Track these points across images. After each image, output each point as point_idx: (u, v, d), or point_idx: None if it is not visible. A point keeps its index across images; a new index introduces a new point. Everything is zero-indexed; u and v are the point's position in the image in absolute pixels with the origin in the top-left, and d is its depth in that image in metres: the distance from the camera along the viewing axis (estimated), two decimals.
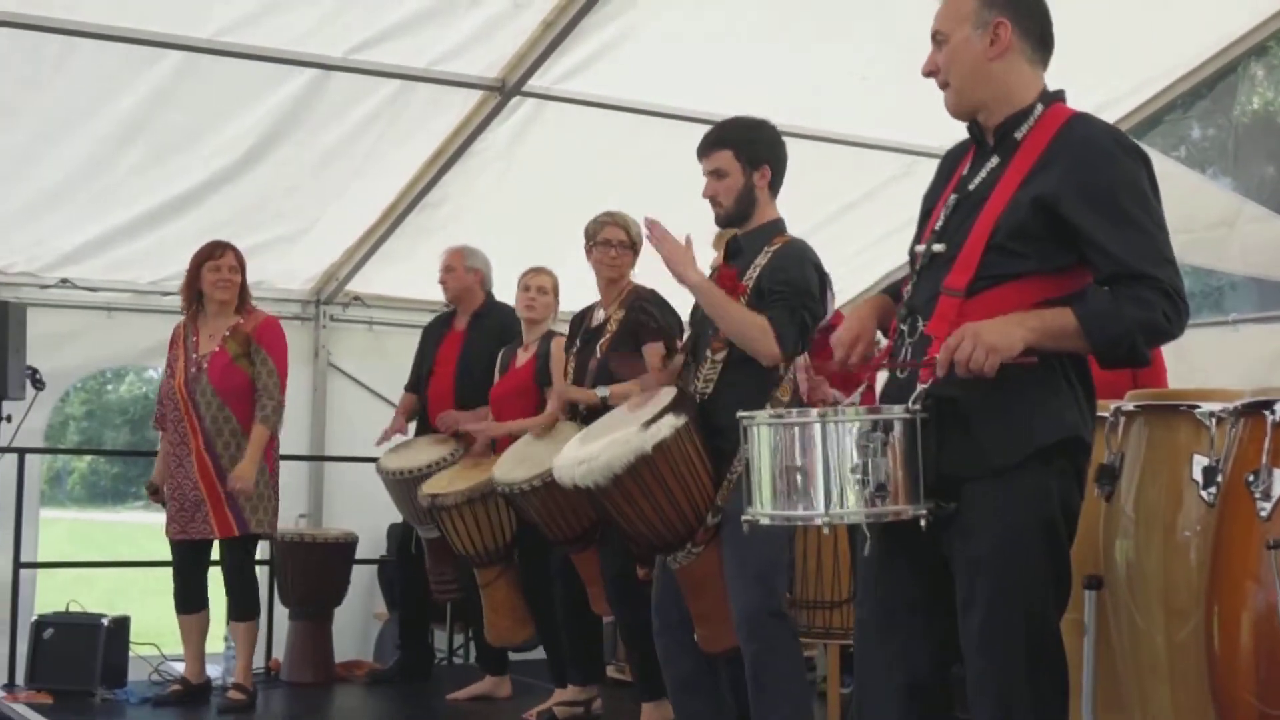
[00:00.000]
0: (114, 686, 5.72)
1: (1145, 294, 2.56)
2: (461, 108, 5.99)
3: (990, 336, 2.53)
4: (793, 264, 3.87)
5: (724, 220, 4.01)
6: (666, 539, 3.87)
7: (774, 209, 4.02)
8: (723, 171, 3.93)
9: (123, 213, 6.27)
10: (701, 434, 3.84)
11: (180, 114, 5.71)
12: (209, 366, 5.46)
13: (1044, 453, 2.64)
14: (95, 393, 30.65)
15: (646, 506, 3.80)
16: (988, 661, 2.64)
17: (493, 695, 5.81)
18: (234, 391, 5.45)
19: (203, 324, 5.58)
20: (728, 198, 3.94)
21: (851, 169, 6.82)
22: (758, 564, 3.77)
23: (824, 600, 4.88)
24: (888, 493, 2.59)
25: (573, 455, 3.92)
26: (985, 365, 2.52)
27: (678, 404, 3.84)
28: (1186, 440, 3.00)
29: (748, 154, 3.94)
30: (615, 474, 3.75)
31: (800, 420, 2.68)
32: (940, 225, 2.81)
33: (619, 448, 3.76)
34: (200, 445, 5.42)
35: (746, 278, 3.88)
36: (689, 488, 3.82)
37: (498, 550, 5.34)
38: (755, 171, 3.94)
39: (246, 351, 5.49)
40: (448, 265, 6.05)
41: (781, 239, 3.95)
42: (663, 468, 3.76)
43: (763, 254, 3.91)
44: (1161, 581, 2.99)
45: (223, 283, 5.52)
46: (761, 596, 3.77)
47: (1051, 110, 2.75)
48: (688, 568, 3.89)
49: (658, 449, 3.73)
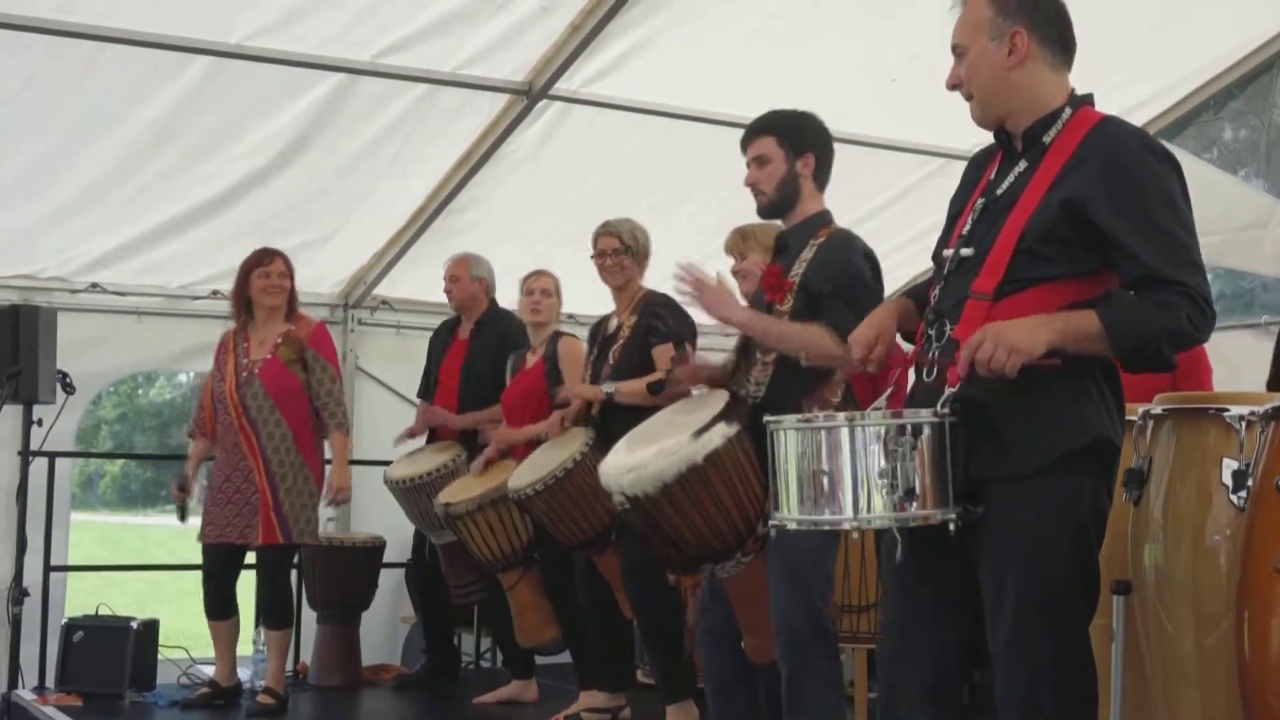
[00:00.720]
0: (143, 689, 5.76)
1: (1171, 299, 2.55)
2: (488, 111, 6.01)
3: (1013, 337, 2.53)
4: (840, 256, 3.76)
5: (766, 210, 3.89)
6: (716, 548, 3.74)
7: (819, 201, 3.90)
8: (765, 158, 3.84)
9: (152, 217, 6.31)
10: (754, 440, 3.68)
11: (208, 119, 5.76)
12: (261, 372, 5.50)
13: (1073, 456, 2.63)
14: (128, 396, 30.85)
15: (696, 516, 3.67)
16: (1016, 666, 2.64)
17: (519, 699, 5.83)
18: (286, 396, 5.49)
19: (253, 331, 5.62)
20: (769, 185, 3.84)
21: (881, 171, 6.81)
22: (801, 573, 3.67)
23: (851, 604, 4.88)
24: (916, 497, 2.59)
25: (620, 463, 3.77)
26: (1006, 365, 2.52)
27: (730, 411, 3.70)
28: (1216, 444, 2.99)
29: (791, 140, 3.84)
30: (665, 484, 3.60)
31: (827, 424, 2.67)
32: (968, 229, 2.81)
33: (669, 458, 3.61)
34: (255, 448, 5.46)
35: (793, 274, 3.78)
36: (739, 497, 3.69)
37: (515, 554, 5.38)
38: (799, 159, 3.84)
39: (300, 358, 5.54)
40: (452, 275, 6.09)
41: (827, 231, 3.84)
42: (714, 478, 3.63)
43: (808, 248, 3.80)
44: (1191, 586, 2.98)
45: (272, 289, 5.57)
46: (802, 610, 3.66)
47: (1080, 114, 2.75)
48: (737, 577, 3.79)
49: (709, 459, 3.59)
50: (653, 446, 3.72)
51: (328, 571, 6.22)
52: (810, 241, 3.82)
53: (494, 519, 5.32)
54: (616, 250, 4.98)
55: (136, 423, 31.38)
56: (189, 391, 31.30)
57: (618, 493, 3.70)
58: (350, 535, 6.60)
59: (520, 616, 5.49)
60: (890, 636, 2.87)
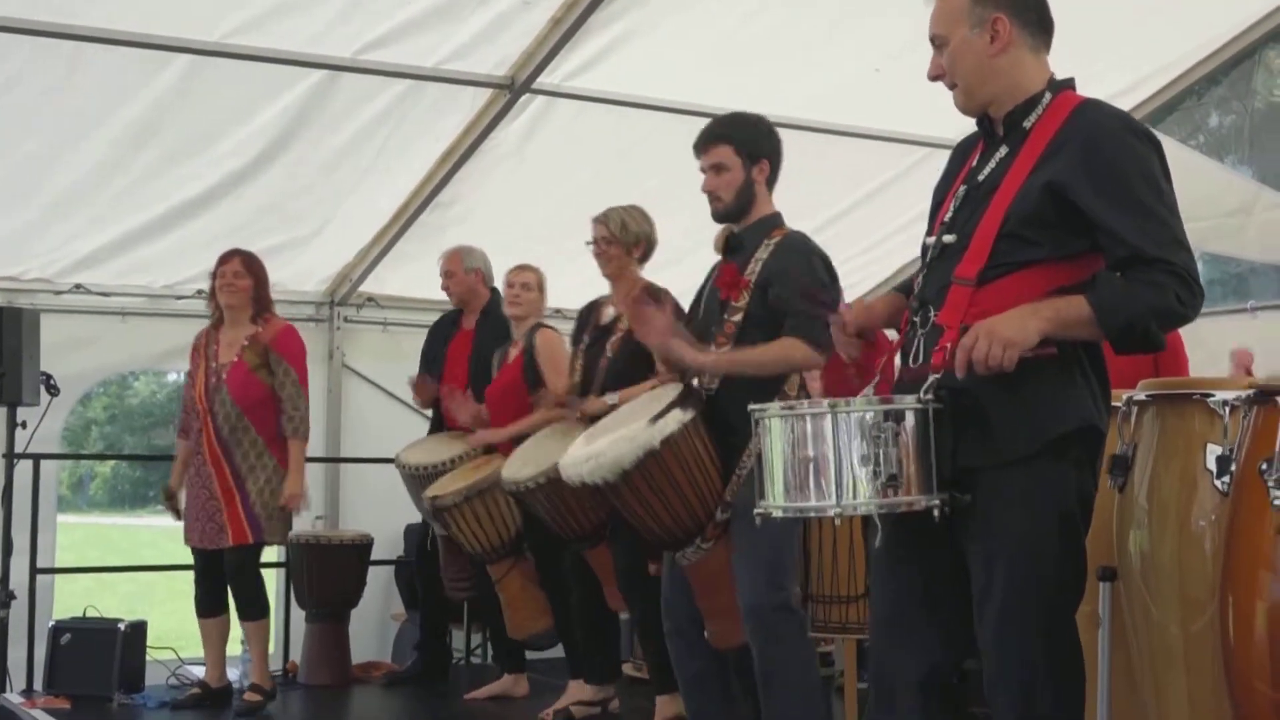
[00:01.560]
0: (131, 691, 5.75)
1: (1158, 278, 2.55)
2: (471, 106, 6.01)
3: (1005, 331, 2.53)
4: (797, 259, 3.86)
5: (721, 215, 3.99)
6: (676, 535, 3.86)
7: (771, 203, 4.01)
8: (723, 166, 3.93)
9: (135, 217, 6.30)
10: (710, 428, 3.84)
11: (191, 118, 5.74)
12: (228, 377, 5.49)
13: (1060, 442, 2.64)
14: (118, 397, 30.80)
15: (656, 502, 3.79)
16: (1005, 653, 2.64)
17: (510, 694, 5.83)
18: (253, 403, 5.48)
19: (223, 332, 5.61)
20: (728, 192, 3.93)
21: (866, 161, 6.82)
22: (765, 559, 3.75)
23: (839, 595, 4.88)
24: (900, 483, 2.59)
25: (580, 452, 3.90)
26: (1004, 360, 2.52)
27: (684, 398, 3.83)
28: (1200, 429, 2.99)
29: (748, 148, 3.93)
30: (624, 470, 3.73)
31: (812, 411, 2.67)
32: (950, 216, 2.81)
33: (627, 444, 3.75)
34: (218, 454, 5.45)
35: (748, 272, 3.87)
36: (698, 483, 3.81)
37: (504, 545, 5.39)
38: (755, 166, 3.94)
39: (265, 362, 5.51)
40: (447, 270, 6.08)
41: (780, 232, 3.95)
42: (671, 463, 3.75)
43: (763, 247, 3.90)
44: (1176, 572, 2.98)
45: (227, 288, 5.55)
46: (769, 591, 3.76)
47: (1060, 97, 2.75)
48: (698, 564, 3.88)
49: (666, 444, 3.72)
50: (611, 435, 3.84)
51: (316, 570, 6.21)
52: (764, 241, 3.92)
53: (481, 510, 5.33)
54: (605, 239, 4.98)
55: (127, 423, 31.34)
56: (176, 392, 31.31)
57: (577, 481, 3.78)
58: (338, 533, 6.60)
59: (510, 608, 5.49)
60: (879, 626, 2.87)
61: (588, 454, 3.82)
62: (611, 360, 4.87)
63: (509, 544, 5.40)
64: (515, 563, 5.43)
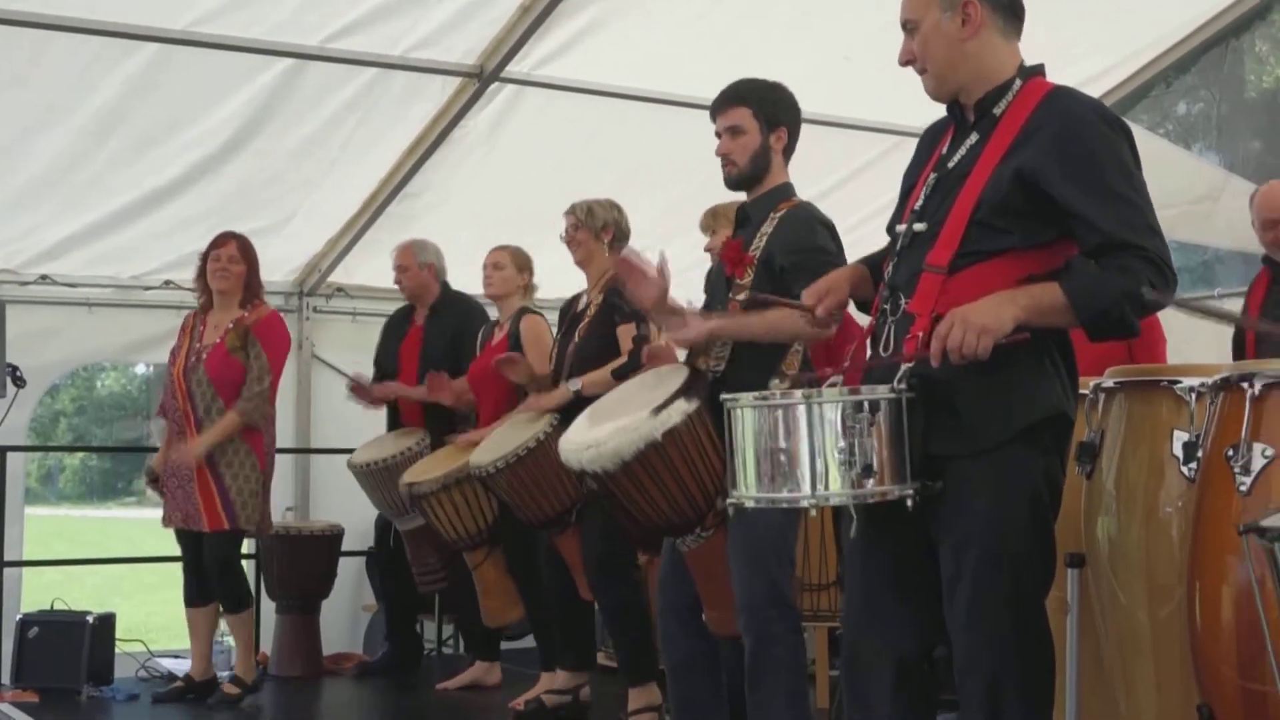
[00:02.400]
0: (100, 684, 5.72)
1: (1131, 264, 2.57)
2: (440, 95, 5.98)
3: (980, 318, 2.54)
4: (802, 230, 3.75)
5: (735, 181, 3.86)
6: (675, 523, 3.79)
7: (785, 173, 3.88)
8: (739, 129, 3.80)
9: (101, 207, 6.25)
10: (714, 416, 3.75)
11: (157, 107, 5.69)
12: (208, 357, 5.46)
13: (1030, 431, 2.65)
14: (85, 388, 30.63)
15: (656, 492, 3.72)
16: (975, 640, 2.66)
17: (483, 682, 5.83)
18: (229, 383, 5.44)
19: (211, 316, 5.59)
20: (742, 156, 3.80)
21: (835, 150, 6.82)
22: (762, 550, 3.69)
23: (811, 583, 4.91)
24: (874, 473, 2.60)
25: (580, 439, 3.80)
26: (979, 348, 2.53)
27: (689, 387, 3.72)
28: (1167, 416, 3.02)
29: (767, 113, 3.81)
30: (624, 461, 3.64)
31: (784, 402, 2.67)
32: (920, 204, 2.81)
33: (628, 435, 3.65)
34: (193, 434, 5.41)
35: (753, 248, 3.77)
36: (699, 472, 3.73)
37: (480, 533, 5.38)
38: (772, 133, 3.81)
39: (244, 344, 5.49)
40: (400, 265, 6.07)
41: (787, 204, 3.83)
42: (673, 454, 3.67)
43: (769, 221, 3.79)
44: (1143, 558, 3.01)
45: (221, 272, 5.53)
46: (764, 585, 3.69)
47: (1030, 84, 2.76)
48: (697, 551, 3.82)
49: (668, 436, 3.62)
50: (612, 423, 3.75)
51: (286, 561, 6.20)
52: (770, 215, 3.81)
53: (458, 498, 5.32)
54: (573, 226, 4.99)
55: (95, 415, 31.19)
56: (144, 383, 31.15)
57: (577, 468, 3.72)
58: (308, 524, 6.58)
59: (485, 596, 5.49)
60: (852, 613, 2.88)
61: (589, 441, 3.73)
62: (579, 345, 4.88)
63: (485, 532, 5.39)
64: (490, 551, 5.43)
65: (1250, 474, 2.61)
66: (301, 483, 7.23)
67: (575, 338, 4.92)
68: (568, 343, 4.96)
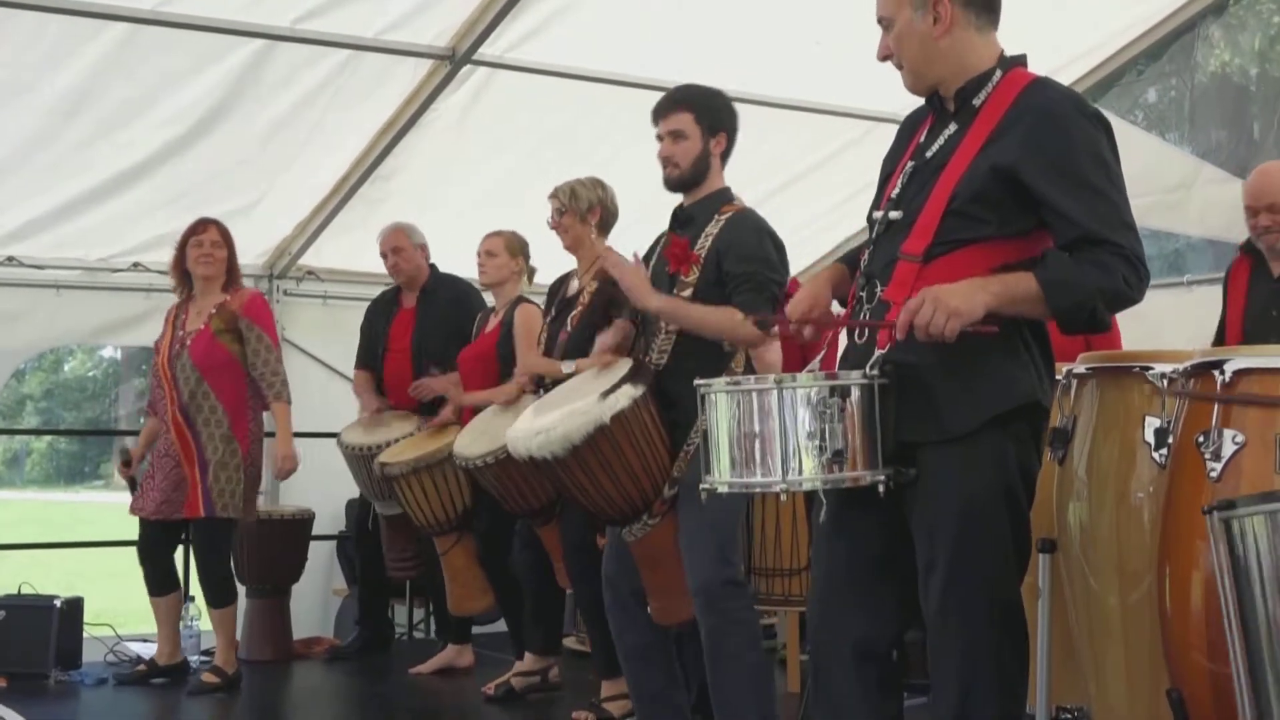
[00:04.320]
0: (68, 668, 5.68)
1: (1106, 259, 2.57)
2: (411, 77, 5.94)
3: (952, 300, 2.54)
4: (748, 237, 3.85)
5: (675, 184, 3.97)
6: (624, 510, 3.85)
7: (722, 178, 4.01)
8: (682, 134, 3.90)
9: (68, 188, 6.18)
10: (658, 405, 3.83)
11: (125, 87, 5.63)
12: (192, 343, 5.43)
13: (1003, 419, 2.65)
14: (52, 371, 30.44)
15: (604, 478, 3.78)
16: (949, 626, 2.66)
17: (455, 665, 5.83)
18: (215, 368, 5.41)
19: (193, 304, 5.55)
20: (685, 160, 3.91)
21: (807, 135, 6.82)
22: (714, 535, 3.75)
23: (782, 568, 4.92)
24: (845, 459, 2.60)
25: (528, 426, 3.87)
26: (946, 329, 2.53)
27: (635, 374, 3.82)
28: (1139, 402, 3.03)
29: (708, 119, 3.92)
30: (573, 445, 3.71)
31: (757, 387, 2.68)
32: (897, 192, 2.81)
33: (577, 419, 3.73)
34: (181, 424, 5.39)
35: (699, 247, 3.87)
36: (646, 459, 3.81)
37: (449, 520, 5.36)
38: (713, 138, 3.93)
39: (231, 328, 5.45)
40: (395, 246, 5.98)
41: (730, 207, 3.93)
42: (620, 439, 3.74)
43: (713, 222, 3.89)
44: (1114, 544, 3.02)
45: (205, 258, 5.49)
46: (718, 567, 3.76)
47: (1010, 75, 2.75)
48: (644, 540, 3.87)
49: (616, 420, 3.71)
50: (560, 410, 3.81)
51: (256, 545, 6.16)
52: (715, 216, 3.91)
53: (428, 483, 5.30)
54: (557, 210, 4.95)
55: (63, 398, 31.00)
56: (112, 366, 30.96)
57: (525, 456, 3.76)
58: (279, 508, 6.54)
59: (454, 583, 5.48)
60: (820, 599, 2.88)
61: (537, 428, 3.79)
62: (571, 334, 4.84)
63: (456, 519, 5.37)
64: (460, 538, 5.41)
65: (1221, 460, 2.62)
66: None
67: (567, 325, 4.88)
68: (558, 328, 4.92)
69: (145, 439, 5.68)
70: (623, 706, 4.74)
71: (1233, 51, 6.57)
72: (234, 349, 5.45)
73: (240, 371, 5.46)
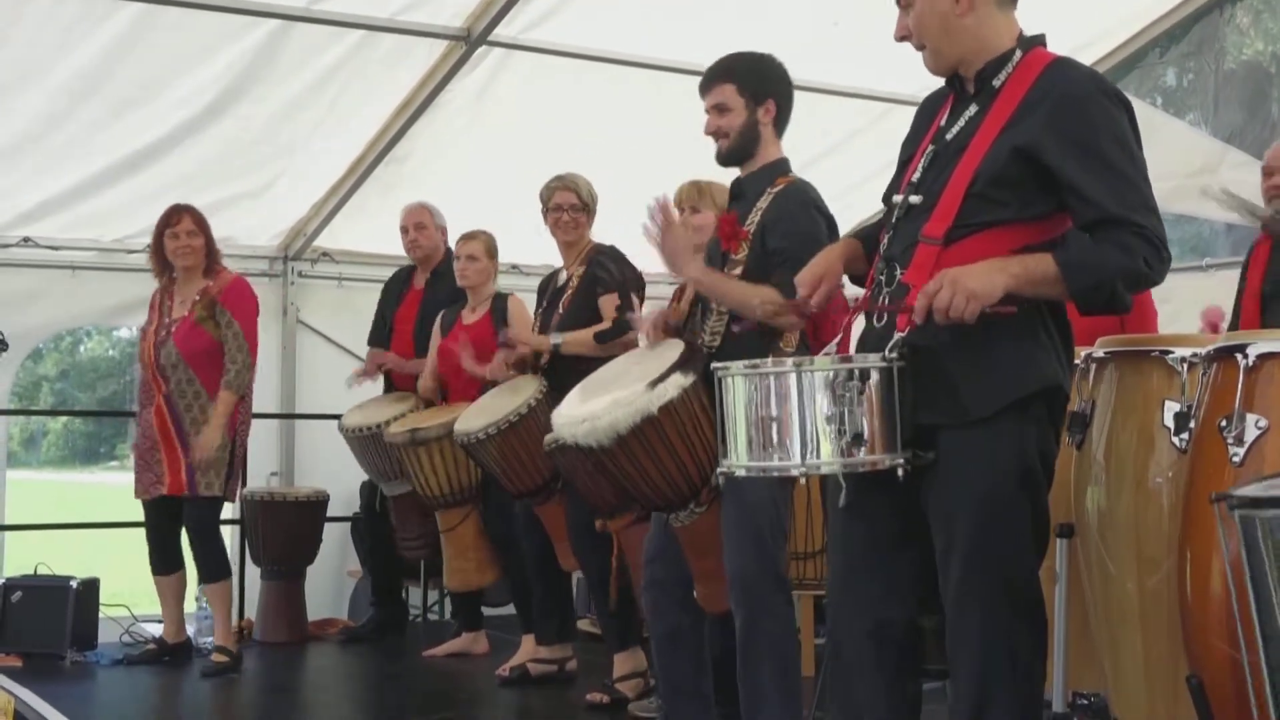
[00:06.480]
0: (84, 649, 5.70)
1: (1127, 240, 2.56)
2: (427, 58, 5.93)
3: (971, 282, 2.52)
4: (795, 212, 3.72)
5: (725, 158, 3.84)
6: (670, 499, 3.77)
7: (778, 148, 3.86)
8: (725, 106, 3.77)
9: (83, 169, 6.20)
10: (709, 390, 3.74)
11: (140, 67, 5.64)
12: (175, 331, 5.44)
13: (1022, 403, 2.64)
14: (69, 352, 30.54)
15: (650, 466, 3.70)
16: (967, 611, 2.65)
17: (469, 651, 5.84)
18: (198, 354, 5.42)
19: (177, 290, 5.56)
20: (731, 132, 3.78)
21: (824, 117, 6.79)
22: (756, 526, 3.66)
23: (796, 551, 4.91)
24: (864, 442, 2.59)
25: (574, 413, 3.77)
26: (965, 312, 2.51)
27: (685, 360, 3.71)
28: (1158, 386, 3.01)
29: (752, 88, 3.77)
30: (619, 435, 3.62)
31: (775, 370, 2.67)
32: (918, 176, 2.80)
33: (623, 409, 3.62)
34: (162, 406, 5.41)
35: (748, 223, 3.75)
36: (694, 447, 3.71)
37: (464, 491, 5.37)
38: (760, 107, 3.77)
39: (212, 314, 5.46)
40: (419, 223, 6.00)
41: (784, 180, 3.80)
42: (668, 429, 3.65)
43: (764, 196, 3.76)
44: (1133, 529, 3.00)
45: (182, 249, 5.48)
46: (757, 559, 3.66)
47: (1031, 55, 2.73)
48: (690, 526, 3.80)
49: (664, 410, 3.61)
50: (607, 396, 3.72)
51: (270, 527, 6.18)
52: (766, 190, 3.78)
53: (438, 454, 5.31)
54: (574, 207, 4.96)
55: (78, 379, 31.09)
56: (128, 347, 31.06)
57: (571, 442, 3.70)
58: (293, 490, 6.56)
59: (457, 559, 5.47)
60: (839, 581, 2.87)
61: (583, 415, 3.70)
62: (564, 316, 4.89)
63: (470, 491, 5.38)
64: (470, 512, 5.41)
65: (1244, 445, 2.60)
66: (286, 448, 7.20)
67: (559, 309, 4.91)
68: (550, 315, 4.96)
69: None
70: (635, 686, 4.74)
71: (1255, 33, 6.52)
72: (215, 334, 5.45)
73: (222, 356, 5.46)
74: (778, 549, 3.73)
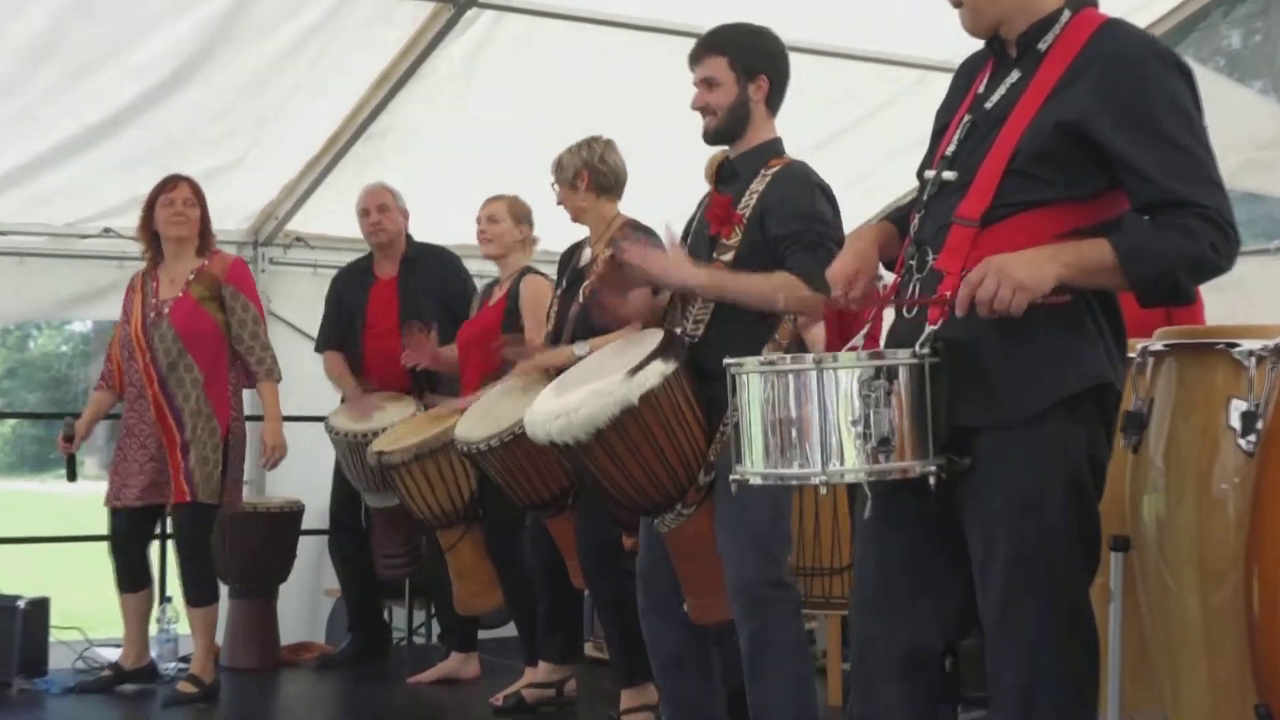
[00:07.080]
0: (32, 675, 5.70)
1: (1190, 223, 2.53)
2: (410, 22, 5.93)
3: (1019, 273, 2.51)
4: (796, 192, 3.82)
5: (713, 136, 3.94)
6: (655, 499, 3.83)
7: (771, 128, 3.96)
8: (714, 80, 3.87)
9: (33, 143, 6.19)
10: (693, 381, 3.80)
11: (96, 29, 5.64)
12: (171, 311, 5.43)
13: (1069, 402, 2.63)
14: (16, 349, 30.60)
15: (632, 464, 3.75)
16: (1009, 631, 2.65)
17: (459, 675, 5.84)
18: (198, 337, 5.43)
19: (163, 269, 5.56)
20: (719, 109, 3.88)
21: (856, 84, 6.79)
22: (755, 526, 3.72)
23: (823, 567, 4.92)
24: (892, 447, 2.58)
25: (548, 408, 3.83)
26: (1012, 305, 2.50)
27: (666, 348, 3.77)
28: (1223, 382, 2.99)
29: (743, 62, 3.87)
30: (597, 428, 3.68)
31: (794, 367, 2.66)
32: (953, 149, 2.78)
33: (601, 399, 3.69)
34: (160, 401, 5.40)
35: (742, 205, 3.83)
36: (679, 442, 3.78)
37: (456, 510, 5.37)
38: (751, 83, 3.88)
39: (215, 295, 5.47)
40: (382, 205, 6.04)
41: (778, 161, 3.90)
42: (650, 421, 3.71)
43: (758, 178, 3.86)
44: (1195, 540, 2.99)
45: (177, 218, 5.49)
46: (760, 564, 3.72)
47: (1080, 16, 2.72)
48: (677, 531, 3.85)
49: (645, 400, 3.67)
50: (584, 389, 3.77)
51: (239, 540, 6.16)
52: (761, 171, 3.87)
53: (432, 470, 5.30)
54: (553, 185, 4.97)
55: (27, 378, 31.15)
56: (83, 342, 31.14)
57: (545, 440, 3.73)
58: (265, 500, 6.56)
59: (460, 580, 5.48)
60: (861, 602, 2.87)
61: (558, 409, 3.76)
62: (583, 307, 4.83)
63: (461, 510, 5.38)
64: (467, 530, 5.41)
65: None
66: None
67: (579, 297, 4.88)
68: (569, 301, 4.92)
69: (92, 414, 5.68)
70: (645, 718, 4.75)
71: None
72: (218, 318, 5.46)
73: (222, 343, 5.48)
74: (782, 553, 3.80)
